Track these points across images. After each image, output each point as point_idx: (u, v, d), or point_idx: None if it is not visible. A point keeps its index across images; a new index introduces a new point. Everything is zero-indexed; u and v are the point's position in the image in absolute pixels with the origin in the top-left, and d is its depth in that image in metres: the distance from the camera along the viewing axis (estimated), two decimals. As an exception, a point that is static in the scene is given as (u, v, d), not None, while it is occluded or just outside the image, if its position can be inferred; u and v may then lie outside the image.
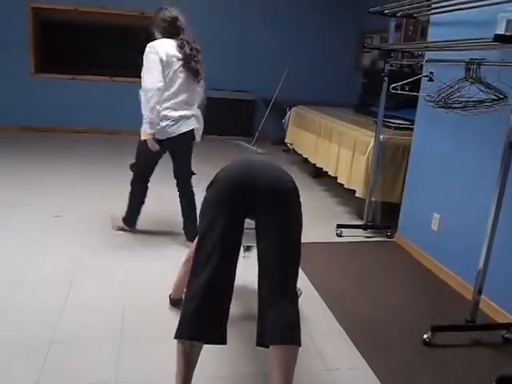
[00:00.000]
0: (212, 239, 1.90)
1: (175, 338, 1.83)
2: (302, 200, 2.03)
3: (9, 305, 2.60)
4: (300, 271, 2.01)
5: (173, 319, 2.49)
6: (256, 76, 7.85)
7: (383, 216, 4.27)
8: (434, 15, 3.52)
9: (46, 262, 3.13)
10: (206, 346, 1.89)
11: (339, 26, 7.93)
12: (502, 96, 2.59)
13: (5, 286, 2.78)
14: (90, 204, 4.30)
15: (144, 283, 2.95)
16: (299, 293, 2.71)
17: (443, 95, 2.67)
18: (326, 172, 4.99)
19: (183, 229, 3.51)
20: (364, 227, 4.11)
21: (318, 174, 5.69)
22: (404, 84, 3.41)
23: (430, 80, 3.28)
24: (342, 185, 4.55)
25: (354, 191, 4.24)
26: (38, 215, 3.92)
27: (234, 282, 1.96)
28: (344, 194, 4.91)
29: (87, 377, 2.08)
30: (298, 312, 1.90)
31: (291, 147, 6.38)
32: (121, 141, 7.00)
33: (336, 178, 4.66)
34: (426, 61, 3.23)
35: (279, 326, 1.84)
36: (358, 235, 4.04)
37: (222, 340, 1.90)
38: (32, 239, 3.45)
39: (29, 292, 2.74)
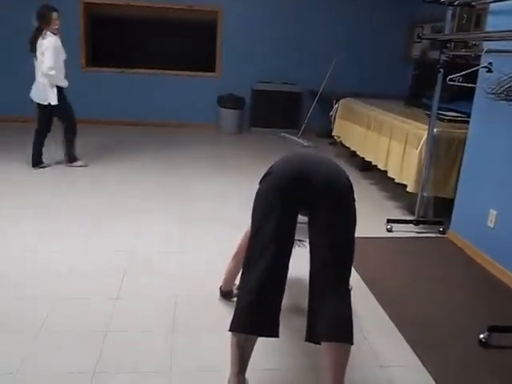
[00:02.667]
0: (266, 233, 1.89)
1: (230, 330, 1.85)
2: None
3: (66, 293, 2.69)
4: (351, 267, 1.98)
5: (224, 311, 2.54)
6: (303, 68, 7.79)
7: (435, 211, 4.16)
8: (494, 3, 3.38)
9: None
10: (256, 338, 1.90)
11: (389, 15, 7.75)
12: None
13: (61, 275, 2.88)
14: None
15: (195, 275, 2.99)
16: (350, 287, 2.68)
17: (505, 87, 2.56)
18: (374, 166, 4.90)
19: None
20: (415, 222, 4.01)
21: (365, 167, 5.60)
22: (462, 75, 3.29)
23: (489, 71, 3.16)
24: (390, 179, 4.46)
25: (405, 185, 4.15)
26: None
27: (287, 276, 1.95)
28: (393, 188, 4.81)
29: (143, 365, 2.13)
30: (350, 309, 1.87)
31: (338, 140, 6.30)
32: (165, 132, 7.12)
33: (385, 171, 4.57)
34: (486, 51, 3.10)
35: (331, 322, 1.83)
36: (409, 230, 3.95)
37: (274, 333, 1.90)
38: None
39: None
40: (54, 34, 4.83)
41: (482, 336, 2.46)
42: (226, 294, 2.68)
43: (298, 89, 7.76)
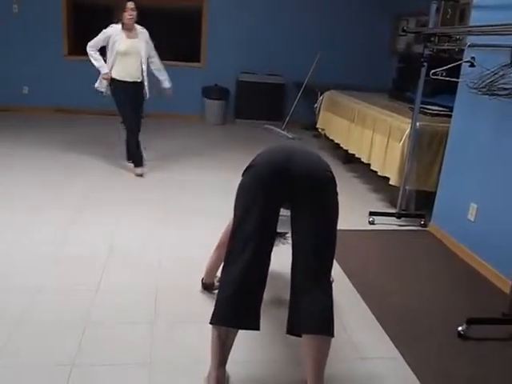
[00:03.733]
0: (248, 226, 1.88)
1: (211, 323, 1.84)
2: (333, 186, 2.00)
3: (48, 282, 2.66)
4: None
5: (205, 303, 2.53)
6: (288, 59, 7.75)
7: (417, 204, 4.19)
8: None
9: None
10: (236, 331, 1.90)
11: (374, 8, 7.74)
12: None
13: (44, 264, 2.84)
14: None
15: (177, 266, 2.98)
16: (332, 280, 2.69)
17: (487, 82, 2.58)
18: (357, 158, 4.92)
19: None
20: (397, 215, 4.04)
21: (348, 160, 5.61)
22: (445, 69, 3.30)
23: (472, 65, 3.18)
24: (373, 171, 4.48)
25: (387, 178, 4.17)
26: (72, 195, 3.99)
27: (268, 269, 1.95)
28: (376, 181, 4.83)
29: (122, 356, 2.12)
30: (331, 302, 1.88)
31: (322, 132, 6.30)
32: (150, 122, 7.05)
33: (369, 164, 4.59)
34: (469, 46, 3.12)
35: (313, 315, 1.83)
36: (391, 223, 3.98)
37: (255, 325, 1.91)
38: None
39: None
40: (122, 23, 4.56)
41: (460, 328, 2.49)
42: (207, 287, 2.67)
43: (283, 80, 7.73)
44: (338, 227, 1.98)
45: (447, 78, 3.35)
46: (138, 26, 4.63)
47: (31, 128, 6.37)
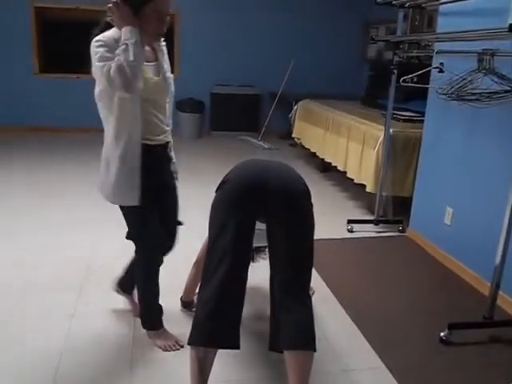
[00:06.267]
0: (224, 242, 1.85)
1: (189, 344, 1.80)
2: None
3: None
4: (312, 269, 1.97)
5: (184, 323, 2.48)
6: (261, 70, 7.78)
7: (395, 210, 4.21)
8: (443, 5, 3.44)
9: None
10: (217, 350, 1.86)
11: (344, 17, 7.84)
12: (517, 87, 2.52)
13: None
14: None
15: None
16: (312, 292, 2.66)
17: (456, 87, 2.61)
18: (334, 166, 4.93)
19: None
20: (375, 222, 4.05)
21: (325, 168, 5.63)
22: (414, 76, 3.34)
23: (441, 71, 3.22)
24: (350, 179, 4.49)
25: (364, 186, 4.19)
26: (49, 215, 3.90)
27: (246, 284, 1.92)
28: (353, 189, 4.85)
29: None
30: (312, 316, 1.86)
31: (298, 142, 6.32)
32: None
33: (345, 172, 4.61)
34: (437, 52, 3.15)
35: (293, 331, 1.81)
36: (370, 230, 3.99)
37: (235, 344, 1.87)
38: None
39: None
40: None
41: (442, 334, 2.49)
42: (186, 305, 2.62)
43: (258, 91, 7.75)
44: (318, 236, 1.97)
45: (417, 85, 3.38)
46: None
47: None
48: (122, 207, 2.15)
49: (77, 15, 7.30)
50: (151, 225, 2.18)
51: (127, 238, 2.24)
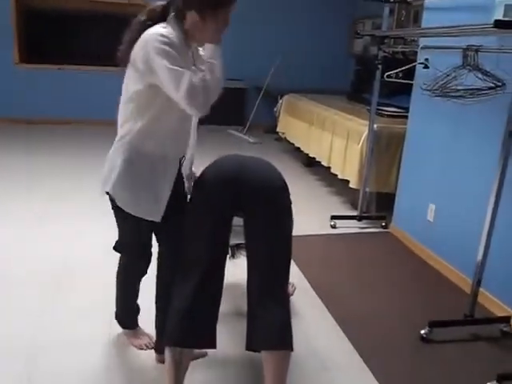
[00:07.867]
0: (199, 240, 1.82)
1: (164, 344, 1.76)
2: (294, 190, 1.96)
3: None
4: (294, 265, 1.94)
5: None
6: (247, 64, 7.70)
7: (378, 206, 4.20)
8: (429, 0, 3.42)
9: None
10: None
11: (330, 11, 7.79)
12: (500, 84, 2.50)
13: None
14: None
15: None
16: (293, 288, 2.64)
17: (440, 83, 2.58)
18: (319, 161, 4.90)
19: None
20: (358, 218, 4.04)
21: (310, 163, 5.60)
22: (399, 71, 3.31)
23: (426, 67, 3.20)
24: (334, 174, 4.47)
25: (348, 181, 4.17)
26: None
27: (222, 282, 1.88)
28: (337, 184, 4.82)
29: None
30: (289, 315, 1.83)
31: (283, 136, 6.28)
32: (106, 132, 6.86)
33: (329, 167, 4.58)
34: (422, 47, 3.13)
35: (270, 330, 1.77)
36: (353, 226, 3.97)
37: (211, 344, 1.84)
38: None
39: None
40: None
41: (423, 332, 2.48)
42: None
43: (244, 85, 7.68)
44: (301, 233, 1.94)
45: (401, 80, 3.36)
46: None
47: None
48: (117, 212, 1.95)
49: (62, 4, 7.18)
50: (144, 236, 2.03)
51: (115, 249, 2.10)
